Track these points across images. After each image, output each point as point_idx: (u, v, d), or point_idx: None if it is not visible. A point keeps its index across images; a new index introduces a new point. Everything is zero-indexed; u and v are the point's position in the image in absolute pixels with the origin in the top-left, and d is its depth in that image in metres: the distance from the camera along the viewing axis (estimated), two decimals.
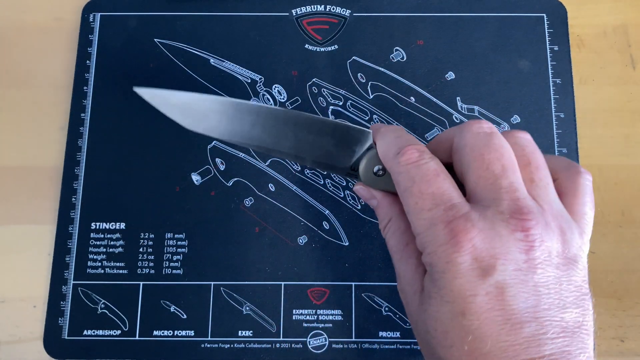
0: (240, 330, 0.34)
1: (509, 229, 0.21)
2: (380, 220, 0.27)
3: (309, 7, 0.39)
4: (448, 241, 0.21)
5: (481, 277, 0.21)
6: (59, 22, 0.40)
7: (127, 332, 0.34)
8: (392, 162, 0.24)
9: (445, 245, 0.21)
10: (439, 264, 0.21)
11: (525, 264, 0.21)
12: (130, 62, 0.38)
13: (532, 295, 0.21)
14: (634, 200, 0.36)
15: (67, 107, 0.37)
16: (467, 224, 0.21)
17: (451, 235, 0.21)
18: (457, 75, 0.38)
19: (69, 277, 0.35)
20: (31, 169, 0.37)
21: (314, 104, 0.37)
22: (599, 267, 0.35)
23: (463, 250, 0.21)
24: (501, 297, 0.21)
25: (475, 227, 0.21)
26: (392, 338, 0.34)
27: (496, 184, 0.22)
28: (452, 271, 0.21)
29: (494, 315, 0.20)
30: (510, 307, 0.20)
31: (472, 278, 0.21)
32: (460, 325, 0.21)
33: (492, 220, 0.21)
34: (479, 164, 0.23)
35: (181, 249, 0.35)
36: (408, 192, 0.23)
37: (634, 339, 0.34)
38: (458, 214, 0.21)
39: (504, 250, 0.21)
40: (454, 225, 0.21)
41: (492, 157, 0.23)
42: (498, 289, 0.21)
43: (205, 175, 0.36)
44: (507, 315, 0.20)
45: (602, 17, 0.39)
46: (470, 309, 0.21)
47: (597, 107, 0.38)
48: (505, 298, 0.21)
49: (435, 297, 0.22)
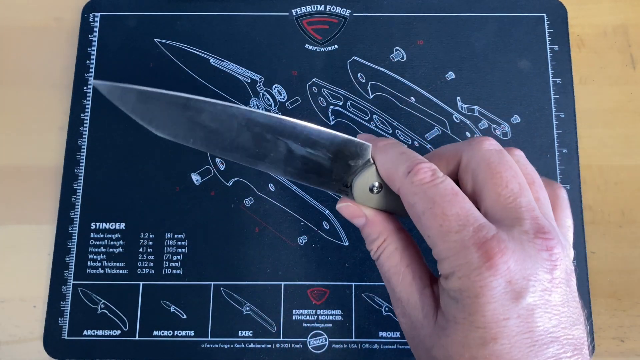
0: (240, 330, 0.34)
1: (535, 249, 0.21)
2: (371, 240, 0.25)
3: (309, 7, 0.39)
4: (483, 264, 0.20)
5: (514, 300, 0.20)
6: (59, 22, 0.40)
7: (127, 332, 0.34)
8: (403, 182, 0.23)
9: (480, 269, 0.20)
10: (473, 288, 0.20)
11: (550, 284, 0.21)
12: (130, 62, 0.38)
13: (554, 316, 0.21)
14: (634, 200, 0.36)
15: (67, 107, 0.37)
16: (501, 245, 0.20)
17: (486, 258, 0.20)
18: (457, 75, 0.38)
19: (69, 277, 0.35)
20: (31, 169, 0.37)
21: (314, 104, 0.37)
22: (599, 267, 0.35)
23: (499, 273, 0.20)
24: (531, 319, 0.20)
25: (509, 248, 0.20)
26: (392, 338, 0.34)
27: (516, 203, 0.22)
28: (487, 295, 0.20)
29: (524, 338, 0.20)
30: (538, 329, 0.20)
31: (506, 302, 0.20)
32: (491, 351, 0.20)
33: (520, 240, 0.21)
34: (497, 181, 0.22)
35: (181, 249, 0.35)
36: (430, 214, 0.22)
37: (634, 339, 0.34)
38: (489, 235, 0.21)
39: (534, 271, 0.21)
40: (488, 247, 0.20)
41: (509, 175, 0.22)
42: (529, 311, 0.20)
43: (205, 175, 0.36)
44: (535, 337, 0.20)
45: (602, 17, 0.39)
46: (502, 334, 0.20)
47: (597, 107, 0.38)
48: (534, 320, 0.20)
49: (464, 323, 0.21)
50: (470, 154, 0.23)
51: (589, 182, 0.36)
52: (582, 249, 0.35)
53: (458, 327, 0.21)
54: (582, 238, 0.35)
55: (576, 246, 0.35)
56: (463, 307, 0.21)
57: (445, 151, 0.25)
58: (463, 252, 0.21)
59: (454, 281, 0.21)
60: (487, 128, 0.37)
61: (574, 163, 0.36)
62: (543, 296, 0.21)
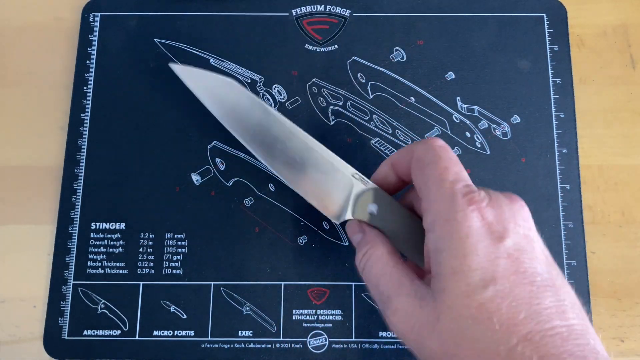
0: (240, 330, 0.34)
1: (508, 201, 0.24)
2: (361, 250, 0.27)
3: (309, 7, 0.39)
4: (467, 207, 0.23)
5: (499, 240, 0.22)
6: (59, 22, 0.40)
7: (127, 332, 0.34)
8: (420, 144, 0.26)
9: (465, 211, 0.22)
10: (461, 229, 0.22)
11: (530, 232, 0.23)
12: (130, 62, 0.38)
13: (543, 263, 0.22)
14: (634, 200, 0.36)
15: (67, 107, 0.37)
16: (482, 196, 0.23)
17: (470, 203, 0.23)
18: (457, 75, 0.38)
19: (69, 277, 0.35)
20: (31, 169, 0.37)
21: (314, 104, 0.37)
22: (599, 267, 0.35)
23: (481, 215, 0.22)
24: (521, 259, 0.22)
25: (488, 201, 0.23)
26: (392, 338, 0.34)
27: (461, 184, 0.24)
28: (475, 234, 0.22)
29: (521, 278, 0.21)
30: (531, 270, 0.21)
31: (492, 242, 0.22)
32: (494, 292, 0.21)
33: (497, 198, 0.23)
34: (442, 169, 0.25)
35: (181, 249, 0.35)
36: (434, 165, 0.25)
37: (634, 339, 0.34)
38: (474, 190, 0.23)
39: (511, 217, 0.23)
40: (472, 196, 0.23)
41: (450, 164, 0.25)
42: (517, 251, 0.22)
43: (205, 175, 0.36)
44: (531, 278, 0.21)
45: (602, 17, 0.39)
46: (498, 273, 0.21)
47: (597, 107, 0.38)
48: (524, 260, 0.22)
49: (462, 271, 0.22)
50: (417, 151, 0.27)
51: (589, 182, 0.36)
52: (582, 249, 0.35)
53: (458, 278, 0.22)
54: (582, 238, 0.35)
55: (576, 246, 0.35)
56: (455, 253, 0.22)
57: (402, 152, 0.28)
58: (452, 197, 0.23)
59: (440, 227, 0.23)
60: (487, 128, 0.37)
61: (574, 163, 0.36)
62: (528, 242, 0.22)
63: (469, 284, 0.21)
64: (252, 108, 0.30)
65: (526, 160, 0.36)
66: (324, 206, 0.29)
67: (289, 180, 0.30)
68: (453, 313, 0.22)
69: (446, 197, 0.23)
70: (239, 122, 0.30)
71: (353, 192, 0.28)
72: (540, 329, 0.20)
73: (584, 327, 0.21)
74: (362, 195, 0.28)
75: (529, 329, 0.20)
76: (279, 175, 0.30)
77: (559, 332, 0.20)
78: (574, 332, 0.20)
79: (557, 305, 0.21)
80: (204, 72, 0.31)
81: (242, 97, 0.30)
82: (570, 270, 0.34)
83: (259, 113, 0.30)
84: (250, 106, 0.30)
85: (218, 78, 0.31)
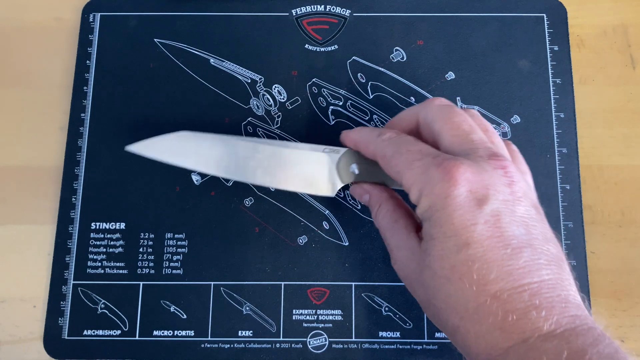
0: (240, 330, 0.34)
1: (491, 166, 0.24)
2: (372, 208, 0.30)
3: (309, 7, 0.39)
4: (443, 178, 0.23)
5: (478, 206, 0.23)
6: (59, 22, 0.40)
7: (127, 332, 0.34)
8: (376, 142, 0.28)
9: (441, 183, 0.23)
10: (438, 201, 0.23)
11: (511, 196, 0.24)
12: (130, 62, 0.38)
13: (521, 225, 0.23)
14: (634, 200, 0.36)
15: (67, 107, 0.37)
16: (457, 162, 0.24)
17: (445, 172, 0.23)
18: (457, 75, 0.38)
19: (69, 277, 0.35)
20: (31, 169, 0.37)
21: (314, 104, 0.37)
22: (599, 267, 0.35)
23: (458, 183, 0.23)
24: (498, 224, 0.23)
25: (465, 164, 0.24)
26: (392, 338, 0.34)
27: (469, 139, 0.25)
28: (452, 205, 0.23)
29: (495, 242, 0.22)
30: (508, 234, 0.22)
31: (470, 208, 0.23)
32: (466, 256, 0.22)
33: (476, 160, 0.24)
34: (450, 126, 0.26)
35: (181, 249, 0.35)
36: (397, 154, 0.26)
37: (634, 339, 0.34)
38: (447, 158, 0.24)
39: (492, 182, 0.23)
40: (445, 165, 0.24)
41: (460, 119, 0.26)
42: (494, 217, 0.23)
43: (205, 175, 0.36)
44: (507, 241, 0.22)
45: (602, 17, 0.39)
46: (473, 238, 0.22)
47: (597, 107, 0.38)
48: (502, 225, 0.23)
49: (438, 237, 0.23)
50: (425, 112, 0.28)
51: (589, 182, 0.36)
52: (582, 249, 0.35)
53: (435, 243, 0.24)
54: (582, 238, 0.35)
55: (576, 246, 0.35)
56: (435, 222, 0.24)
57: (405, 115, 0.30)
58: (426, 173, 0.24)
59: (423, 201, 0.24)
60: None
61: (574, 163, 0.36)
62: (507, 206, 0.23)
63: (443, 248, 0.23)
64: (212, 144, 0.31)
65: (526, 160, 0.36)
66: (316, 189, 0.31)
67: (276, 184, 0.31)
68: (431, 272, 0.24)
69: (420, 175, 0.24)
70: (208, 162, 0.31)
71: (332, 164, 0.31)
72: (509, 287, 0.22)
73: (558, 280, 0.22)
74: (341, 162, 0.31)
75: (498, 287, 0.22)
76: (265, 184, 0.31)
77: (529, 288, 0.22)
78: (545, 286, 0.22)
79: (530, 264, 0.22)
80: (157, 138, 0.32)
81: (199, 140, 0.32)
82: None
83: (219, 144, 0.31)
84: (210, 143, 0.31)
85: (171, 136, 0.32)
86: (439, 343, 0.34)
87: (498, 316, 0.22)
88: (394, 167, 0.26)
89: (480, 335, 0.22)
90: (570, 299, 0.22)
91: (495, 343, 0.22)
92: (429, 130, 0.28)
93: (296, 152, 0.31)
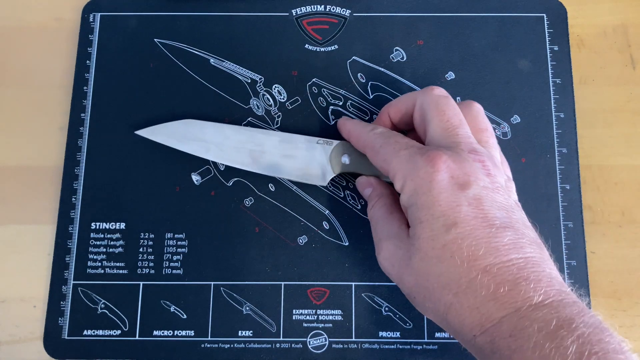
0: (240, 330, 0.34)
1: (470, 159, 0.26)
2: (371, 200, 0.32)
3: (309, 7, 0.39)
4: (427, 164, 0.26)
5: (460, 190, 0.25)
6: (59, 22, 0.40)
7: (127, 332, 0.34)
8: (368, 135, 0.30)
9: (425, 168, 0.26)
10: (423, 184, 0.25)
11: (491, 185, 0.26)
12: (130, 62, 0.38)
13: (502, 210, 0.25)
14: (634, 200, 0.36)
15: (67, 107, 0.37)
16: (440, 152, 0.26)
17: (428, 160, 0.26)
18: (457, 75, 0.38)
19: (69, 277, 0.35)
20: (31, 169, 0.37)
21: (314, 104, 0.37)
22: (599, 267, 0.35)
23: (441, 169, 0.25)
24: (481, 207, 0.25)
25: (446, 154, 0.26)
26: (392, 338, 0.34)
27: (455, 132, 0.28)
28: (437, 187, 0.25)
29: (480, 222, 0.24)
30: (490, 215, 0.24)
31: (454, 191, 0.25)
32: (455, 234, 0.24)
33: (457, 152, 0.26)
34: (441, 117, 0.28)
35: (181, 249, 0.35)
36: (385, 144, 0.28)
37: (634, 338, 0.34)
38: (430, 148, 0.27)
39: (473, 171, 0.26)
40: (429, 154, 0.26)
41: (452, 113, 0.28)
42: (476, 200, 0.25)
43: (205, 175, 0.36)
44: (490, 221, 0.24)
45: (602, 17, 0.39)
46: (460, 217, 0.24)
47: (597, 107, 0.38)
48: (484, 208, 0.25)
49: (426, 219, 0.25)
50: (422, 98, 0.30)
51: (589, 182, 0.36)
52: (582, 249, 0.35)
53: (424, 226, 0.25)
54: (582, 238, 0.35)
55: (576, 246, 0.35)
56: (421, 206, 0.25)
57: (405, 97, 0.32)
58: (411, 160, 0.26)
59: (408, 185, 0.26)
60: None
61: (574, 163, 0.36)
62: (487, 193, 0.25)
63: (432, 229, 0.25)
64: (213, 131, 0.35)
65: (526, 160, 0.36)
66: (309, 177, 0.34)
67: (271, 172, 0.34)
68: (422, 254, 0.25)
69: (406, 161, 0.27)
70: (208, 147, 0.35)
71: (325, 154, 0.34)
72: (498, 261, 0.23)
73: (541, 259, 0.24)
74: (333, 153, 0.34)
75: (488, 262, 0.23)
76: (261, 171, 0.34)
77: (516, 263, 0.23)
78: (530, 262, 0.24)
79: (514, 242, 0.24)
80: (164, 124, 0.35)
81: (202, 127, 0.35)
82: (570, 270, 0.35)
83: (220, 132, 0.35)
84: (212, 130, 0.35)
85: (176, 123, 0.35)
86: (439, 343, 0.34)
87: (490, 288, 0.23)
88: (382, 156, 0.28)
89: (474, 308, 0.23)
90: (553, 276, 0.24)
91: (490, 314, 0.23)
92: (421, 116, 0.30)
93: (291, 143, 0.35)
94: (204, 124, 0.35)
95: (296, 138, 0.35)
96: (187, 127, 0.35)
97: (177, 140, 0.35)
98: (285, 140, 0.35)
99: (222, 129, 0.35)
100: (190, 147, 0.35)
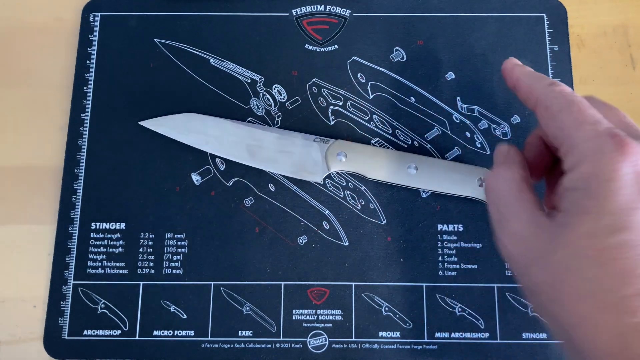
0: (240, 330, 0.34)
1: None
2: (498, 164, 0.26)
3: (309, 7, 0.39)
4: (616, 149, 0.21)
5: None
6: (59, 22, 0.40)
7: (127, 332, 0.34)
8: (545, 90, 0.25)
9: (612, 154, 0.21)
10: (606, 171, 0.21)
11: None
12: (130, 62, 0.38)
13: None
14: None
15: (67, 107, 0.37)
16: (630, 139, 0.21)
17: (618, 145, 0.21)
18: (457, 75, 0.38)
19: (69, 277, 0.35)
20: (31, 169, 0.37)
21: (314, 104, 0.37)
22: None
23: (630, 160, 0.21)
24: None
25: (635, 142, 0.21)
26: (392, 338, 0.34)
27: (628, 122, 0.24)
28: (620, 180, 0.21)
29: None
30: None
31: (635, 190, 0.20)
32: (619, 240, 0.20)
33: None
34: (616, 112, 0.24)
35: (181, 249, 0.35)
36: (567, 111, 0.23)
37: None
38: (619, 132, 0.22)
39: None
40: (620, 138, 0.21)
41: None
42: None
43: (205, 175, 0.36)
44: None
45: (602, 17, 0.39)
46: (631, 223, 0.20)
47: None
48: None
49: (593, 212, 0.21)
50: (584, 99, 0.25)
51: None
52: None
53: (585, 218, 0.21)
54: None
55: None
56: (593, 194, 0.21)
57: None
58: (597, 139, 0.22)
59: (584, 167, 0.22)
60: (487, 128, 0.37)
61: None
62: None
63: (596, 226, 0.21)
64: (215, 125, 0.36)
65: None
66: (306, 173, 0.35)
67: (268, 167, 0.35)
68: (571, 250, 0.21)
69: (591, 139, 0.22)
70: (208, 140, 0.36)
71: (321, 151, 0.35)
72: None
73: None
74: (329, 151, 0.35)
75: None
76: (259, 166, 0.35)
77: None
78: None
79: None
80: (167, 116, 0.37)
81: (204, 121, 0.36)
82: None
83: (221, 126, 0.36)
84: (213, 124, 0.36)
85: (179, 115, 0.37)
86: (439, 343, 0.34)
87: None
88: (559, 122, 0.24)
89: (619, 334, 0.19)
90: None
91: (637, 347, 0.19)
92: None
93: (289, 139, 0.35)
94: (206, 118, 0.36)
95: (294, 135, 0.36)
96: (190, 120, 0.36)
97: (178, 132, 0.36)
98: (282, 136, 0.36)
99: (223, 124, 0.36)
100: (190, 139, 0.36)
